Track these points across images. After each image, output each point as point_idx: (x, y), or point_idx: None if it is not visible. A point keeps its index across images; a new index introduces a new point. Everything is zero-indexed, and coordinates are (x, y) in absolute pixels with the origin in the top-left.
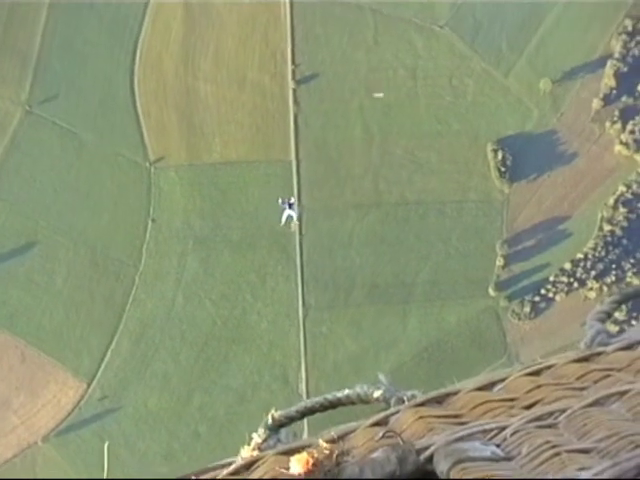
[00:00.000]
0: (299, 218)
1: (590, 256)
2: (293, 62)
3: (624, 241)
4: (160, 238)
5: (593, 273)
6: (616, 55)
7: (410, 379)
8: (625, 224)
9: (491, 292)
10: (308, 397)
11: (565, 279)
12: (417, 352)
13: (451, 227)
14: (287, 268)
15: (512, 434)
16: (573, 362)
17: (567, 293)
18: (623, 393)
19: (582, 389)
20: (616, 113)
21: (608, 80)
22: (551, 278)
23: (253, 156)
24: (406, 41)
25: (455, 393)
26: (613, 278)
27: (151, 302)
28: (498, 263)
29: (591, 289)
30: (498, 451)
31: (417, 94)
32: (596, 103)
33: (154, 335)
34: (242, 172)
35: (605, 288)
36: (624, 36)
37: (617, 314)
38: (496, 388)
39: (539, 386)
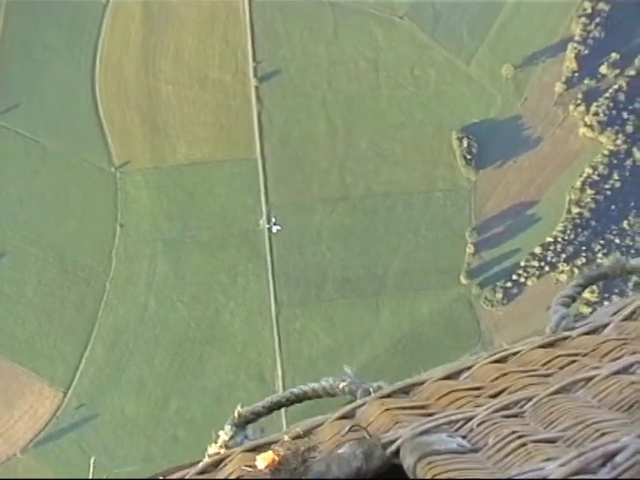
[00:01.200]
0: (268, 215)
1: (560, 239)
2: (254, 59)
3: (593, 223)
4: (129, 243)
5: (563, 256)
6: (577, 38)
7: (385, 371)
8: (593, 206)
9: (462, 280)
10: None
11: (536, 263)
12: (391, 344)
13: (419, 217)
14: (257, 266)
15: (478, 424)
16: (539, 348)
17: (538, 277)
18: (588, 379)
19: (548, 376)
20: (579, 96)
21: (570, 63)
22: (522, 263)
23: (218, 155)
24: (366, 33)
25: (421, 383)
26: (584, 260)
27: (123, 307)
28: (468, 251)
29: (562, 272)
30: (464, 443)
31: (379, 86)
32: (559, 87)
33: (128, 340)
34: (208, 172)
35: (576, 270)
36: (584, 19)
37: (589, 296)
38: (462, 376)
39: (505, 374)
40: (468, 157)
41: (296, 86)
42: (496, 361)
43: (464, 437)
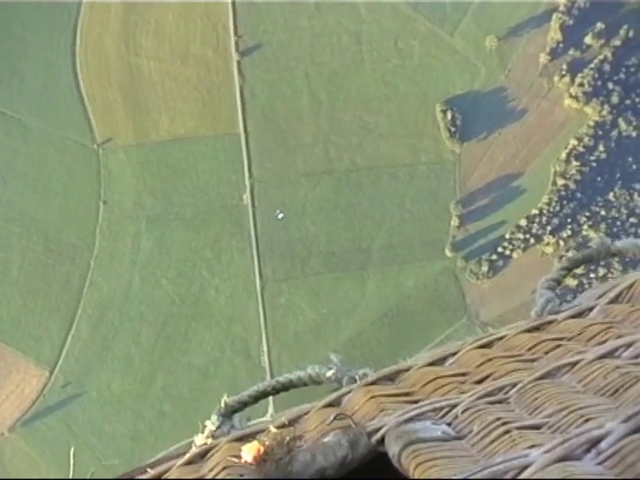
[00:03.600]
0: (251, 190)
1: (545, 211)
2: (236, 33)
3: (578, 194)
4: (113, 220)
5: (549, 228)
6: (561, 8)
7: (371, 345)
8: (578, 177)
9: (448, 253)
10: (271, 369)
11: (521, 236)
12: (377, 317)
13: (404, 190)
14: (242, 241)
15: (463, 411)
16: (524, 332)
17: (524, 250)
18: (574, 364)
19: (533, 361)
20: (564, 67)
21: (554, 34)
22: (507, 235)
23: (201, 131)
24: (349, 5)
25: (407, 369)
26: (569, 232)
27: (108, 285)
28: (453, 224)
29: (548, 244)
30: (449, 430)
31: (363, 59)
32: (543, 58)
33: (113, 317)
34: (191, 148)
35: (561, 242)
36: None
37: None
38: (448, 362)
39: (490, 359)
40: (452, 129)
41: (278, 60)
42: (481, 346)
43: (449, 424)
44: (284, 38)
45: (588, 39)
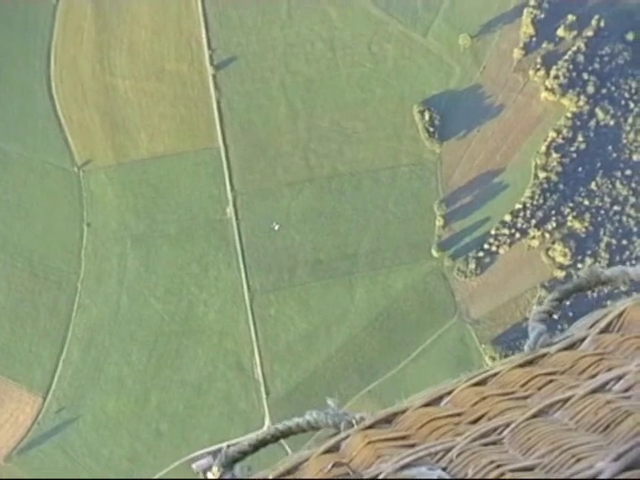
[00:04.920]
0: (234, 203)
1: (529, 205)
2: (209, 47)
3: (560, 186)
4: (97, 242)
5: (534, 222)
6: (532, 2)
7: (364, 350)
8: (560, 169)
9: (434, 253)
10: (264, 381)
11: (506, 231)
12: (368, 322)
13: (387, 194)
14: (228, 255)
15: (458, 455)
16: (518, 367)
17: (510, 245)
18: (565, 400)
19: (526, 397)
20: (538, 60)
21: (526, 28)
22: (492, 232)
23: (180, 147)
24: (320, 12)
25: (403, 411)
26: (554, 224)
27: (96, 307)
28: (438, 223)
29: (533, 238)
30: (445, 475)
31: (337, 65)
32: (517, 53)
33: (103, 339)
34: (171, 165)
35: (547, 235)
36: None
37: (562, 260)
38: (443, 402)
39: (484, 397)
40: (431, 130)
41: (254, 71)
42: (476, 384)
43: (444, 468)
44: (258, 49)
45: (560, 31)
